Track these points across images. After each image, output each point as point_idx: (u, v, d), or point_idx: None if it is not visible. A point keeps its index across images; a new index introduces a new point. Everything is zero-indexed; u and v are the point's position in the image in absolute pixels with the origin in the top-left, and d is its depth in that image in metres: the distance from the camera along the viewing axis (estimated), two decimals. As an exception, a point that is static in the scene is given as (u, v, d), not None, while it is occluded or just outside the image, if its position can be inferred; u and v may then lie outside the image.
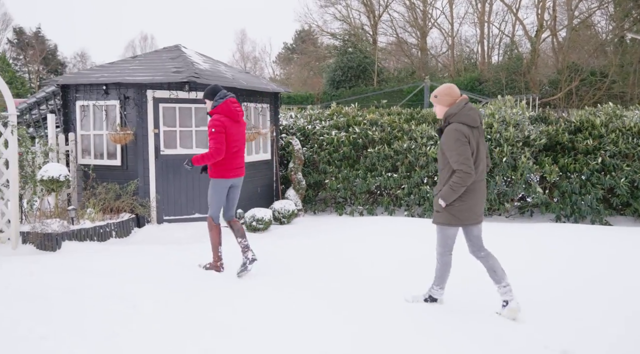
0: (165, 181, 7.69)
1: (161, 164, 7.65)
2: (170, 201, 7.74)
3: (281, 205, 8.43)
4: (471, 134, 3.98)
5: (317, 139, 9.44)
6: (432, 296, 4.39)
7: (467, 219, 4.05)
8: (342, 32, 35.57)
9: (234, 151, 5.33)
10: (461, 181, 3.89)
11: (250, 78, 8.89)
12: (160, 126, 7.60)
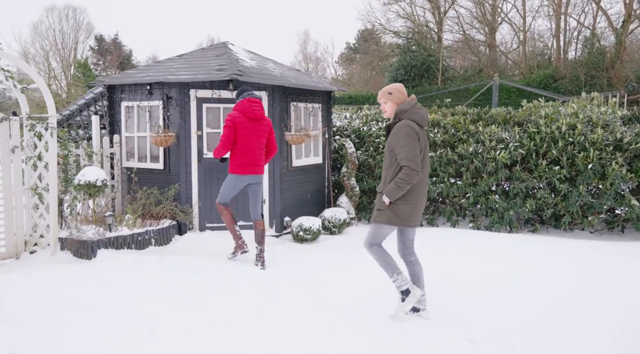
0: (208, 186, 7.23)
1: (204, 168, 7.20)
2: (213, 207, 7.27)
3: (332, 213, 7.76)
4: (420, 132, 3.98)
5: (373, 142, 8.68)
6: (401, 290, 4.09)
7: (409, 220, 4.01)
8: (406, 30, 34.42)
9: (247, 147, 5.55)
10: (407, 178, 3.84)
11: (301, 76, 8.29)
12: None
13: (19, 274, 5.02)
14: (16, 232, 6.36)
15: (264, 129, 5.63)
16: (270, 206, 7.50)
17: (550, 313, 4.33)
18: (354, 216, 8.32)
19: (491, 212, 7.55)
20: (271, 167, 7.45)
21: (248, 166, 5.59)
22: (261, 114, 5.62)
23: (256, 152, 5.60)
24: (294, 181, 7.86)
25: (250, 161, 5.58)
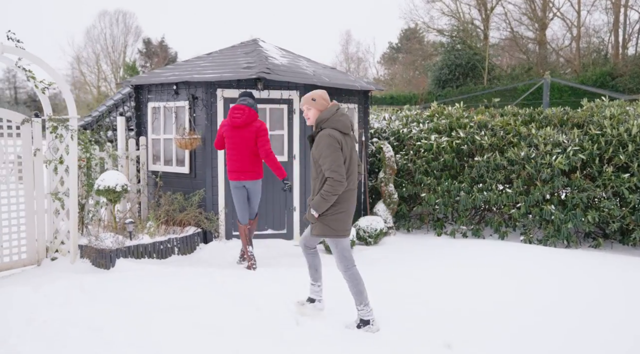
0: None
1: None
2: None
3: (367, 222, 7.17)
4: (344, 140, 3.85)
5: (414, 145, 8.04)
6: (362, 319, 4.04)
7: (341, 229, 3.91)
8: (450, 28, 33.28)
9: (230, 154, 5.73)
10: (332, 189, 3.74)
11: (336, 74, 7.75)
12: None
13: (28, 287, 4.71)
14: (37, 238, 6.14)
15: (249, 136, 5.62)
16: (301, 214, 7.00)
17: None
18: (391, 225, 7.71)
19: (546, 225, 6.76)
20: (302, 172, 6.95)
21: (233, 172, 5.73)
22: (243, 121, 5.58)
23: (240, 159, 5.67)
24: (327, 186, 7.32)
25: (234, 168, 5.71)
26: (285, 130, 6.88)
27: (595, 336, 3.92)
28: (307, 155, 6.92)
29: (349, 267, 3.99)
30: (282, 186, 5.79)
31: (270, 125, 6.86)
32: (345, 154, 3.84)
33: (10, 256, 5.92)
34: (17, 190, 5.92)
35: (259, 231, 6.93)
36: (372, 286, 5.08)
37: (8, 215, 5.86)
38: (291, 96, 6.79)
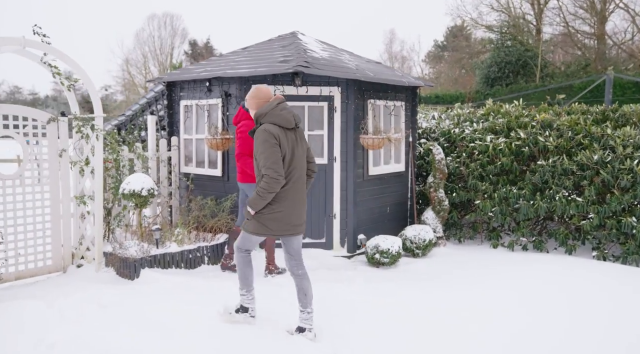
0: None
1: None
2: None
3: (415, 232, 6.49)
4: (284, 135, 3.71)
5: (466, 146, 7.29)
6: (242, 305, 4.04)
7: (278, 229, 3.79)
8: (500, 24, 31.79)
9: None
10: (268, 187, 3.63)
11: (381, 69, 7.10)
12: None
13: (42, 301, 4.32)
14: (63, 243, 5.81)
15: (236, 136, 5.41)
16: (341, 222, 6.40)
17: None
18: (441, 234, 6.99)
19: (625, 239, 5.88)
20: (343, 176, 6.35)
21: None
22: (235, 121, 5.42)
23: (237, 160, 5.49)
24: (371, 192, 6.70)
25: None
26: (325, 130, 6.29)
27: None
28: (348, 157, 6.32)
29: (241, 250, 3.96)
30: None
31: (309, 124, 6.29)
32: (285, 149, 3.68)
33: (35, 263, 5.62)
34: (42, 193, 5.61)
35: (296, 239, 6.37)
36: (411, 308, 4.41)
37: (33, 219, 5.55)
38: (332, 92, 6.20)
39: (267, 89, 3.94)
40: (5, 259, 5.30)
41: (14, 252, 5.43)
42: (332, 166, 6.35)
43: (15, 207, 5.42)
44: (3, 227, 5.34)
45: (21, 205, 5.49)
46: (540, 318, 4.21)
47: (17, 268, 5.47)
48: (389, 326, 4.07)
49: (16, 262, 5.45)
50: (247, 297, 4.04)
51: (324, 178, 6.33)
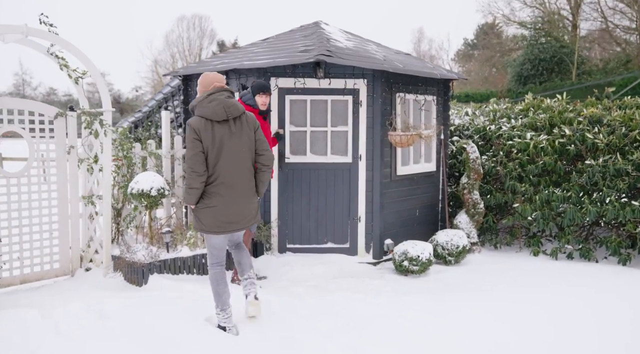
0: (290, 198, 5.83)
1: (285, 176, 5.81)
2: (295, 224, 5.86)
3: (447, 237, 5.95)
4: (210, 129, 3.53)
5: (504, 144, 6.69)
6: (219, 324, 3.81)
7: (211, 225, 3.65)
8: (533, 20, 30.67)
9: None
10: (188, 182, 3.59)
11: (411, 61, 6.58)
12: (286, 124, 5.76)
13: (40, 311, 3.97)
14: (72, 245, 5.50)
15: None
16: (367, 226, 5.91)
17: None
18: (476, 240, 6.42)
19: (688, 249, 5.23)
20: (369, 176, 5.86)
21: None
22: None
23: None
24: (399, 193, 6.19)
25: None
26: (350, 125, 5.81)
27: None
28: (375, 155, 5.83)
29: (212, 265, 3.83)
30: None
31: (332, 120, 5.82)
32: (207, 144, 3.53)
33: (41, 265, 5.31)
34: (49, 192, 5.30)
35: (317, 244, 5.91)
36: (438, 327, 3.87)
37: (39, 219, 5.25)
38: (357, 85, 5.72)
39: (212, 76, 3.70)
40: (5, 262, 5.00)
41: (19, 254, 5.14)
42: (356, 165, 5.86)
43: (21, 207, 5.12)
44: (7, 228, 5.06)
45: (27, 205, 5.20)
46: (592, 345, 3.64)
47: (22, 271, 5.17)
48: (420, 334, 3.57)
49: (21, 265, 5.16)
50: (222, 316, 3.78)
51: (348, 178, 5.86)
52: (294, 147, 5.81)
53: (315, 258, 5.75)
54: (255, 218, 3.81)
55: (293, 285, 5.08)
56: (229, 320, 3.77)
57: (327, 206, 5.87)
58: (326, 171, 5.84)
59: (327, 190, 5.84)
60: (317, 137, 5.84)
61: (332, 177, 5.83)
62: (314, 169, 5.82)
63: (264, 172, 3.73)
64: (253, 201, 3.75)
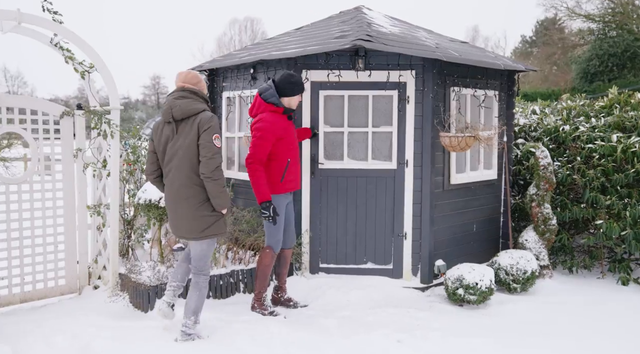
0: (324, 210, 5.00)
1: (319, 184, 4.98)
2: (329, 240, 5.02)
3: (512, 260, 4.94)
4: (160, 129, 3.51)
5: (582, 148, 5.59)
6: (185, 331, 3.58)
7: (170, 226, 3.64)
8: (602, 12, 28.37)
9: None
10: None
11: (469, 49, 5.60)
12: (320, 124, 4.94)
13: (11, 348, 3.35)
14: (79, 260, 4.93)
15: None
16: (414, 244, 5.00)
17: None
18: (546, 262, 5.35)
19: None
20: (417, 186, 4.95)
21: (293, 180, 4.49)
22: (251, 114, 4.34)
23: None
24: (453, 205, 5.24)
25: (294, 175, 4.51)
26: (395, 125, 4.93)
27: None
28: (424, 161, 4.92)
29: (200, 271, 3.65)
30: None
31: (374, 119, 4.95)
32: (156, 143, 3.53)
33: (45, 282, 4.76)
34: (54, 200, 4.74)
35: (355, 263, 5.05)
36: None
37: (43, 230, 4.70)
38: (403, 77, 4.83)
39: (181, 75, 3.53)
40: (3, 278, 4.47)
41: (20, 269, 4.60)
42: (402, 173, 4.96)
43: (22, 216, 4.58)
44: (6, 240, 4.53)
45: (29, 214, 4.65)
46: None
47: (22, 289, 4.63)
48: None
49: (22, 282, 4.62)
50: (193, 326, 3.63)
51: (392, 187, 4.97)
52: (329, 151, 4.98)
53: (352, 281, 4.90)
54: (203, 233, 3.44)
55: (323, 315, 4.25)
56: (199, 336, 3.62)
57: (367, 220, 5.01)
58: (366, 178, 4.98)
59: (367, 201, 4.98)
60: (356, 139, 4.99)
61: (373, 186, 4.97)
62: (352, 176, 4.97)
63: (206, 183, 3.35)
64: (197, 213, 3.40)
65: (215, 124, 3.36)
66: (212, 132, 3.32)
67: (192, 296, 3.58)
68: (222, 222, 3.51)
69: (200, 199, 3.39)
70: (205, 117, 3.36)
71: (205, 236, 3.45)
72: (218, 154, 3.32)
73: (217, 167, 3.30)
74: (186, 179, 3.38)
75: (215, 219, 3.45)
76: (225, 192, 3.43)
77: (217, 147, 3.33)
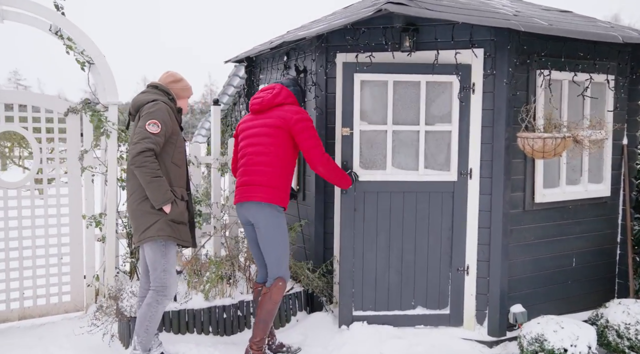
0: (359, 237, 3.85)
1: (353, 202, 3.82)
2: (368, 276, 3.85)
3: (628, 317, 3.44)
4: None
5: None
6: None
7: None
8: None
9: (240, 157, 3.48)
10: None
11: (568, 18, 4.11)
12: (355, 120, 3.81)
13: None
14: (86, 274, 4.39)
15: (258, 125, 3.41)
16: (479, 280, 3.71)
17: None
18: (684, 320, 3.71)
19: None
20: (484, 203, 3.66)
21: (237, 187, 3.44)
22: (266, 101, 3.43)
23: (248, 163, 3.37)
24: (539, 231, 3.84)
25: (238, 180, 3.45)
26: (455, 123, 3.69)
27: None
28: (496, 170, 3.62)
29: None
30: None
31: (428, 114, 3.75)
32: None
33: (47, 298, 4.28)
34: (58, 207, 4.25)
35: (400, 309, 3.86)
36: None
37: (45, 241, 4.23)
38: (463, 58, 3.58)
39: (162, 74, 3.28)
40: None
41: (19, 283, 4.16)
42: (464, 186, 3.71)
43: (21, 225, 4.14)
44: (4, 250, 4.11)
45: (29, 222, 4.21)
46: None
47: (22, 304, 4.19)
48: None
49: (21, 297, 4.17)
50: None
51: (449, 206, 3.73)
52: (366, 157, 3.86)
53: (396, 331, 3.74)
54: (142, 234, 2.94)
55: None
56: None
57: (416, 250, 3.80)
58: (416, 194, 3.78)
59: (417, 225, 3.78)
60: (403, 141, 3.82)
61: (425, 205, 3.76)
62: (398, 191, 3.80)
63: (135, 173, 2.91)
64: (137, 210, 2.96)
65: (156, 111, 2.94)
66: (147, 117, 2.93)
67: (139, 313, 3.08)
68: (164, 224, 2.92)
69: (143, 194, 2.97)
70: (148, 105, 3.01)
71: (145, 238, 2.96)
72: (147, 139, 2.87)
73: (139, 152, 2.85)
74: (129, 173, 3.04)
75: (156, 218, 2.93)
76: (158, 184, 2.87)
77: (148, 132, 2.90)
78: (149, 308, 3.03)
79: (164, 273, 3.01)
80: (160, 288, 3.03)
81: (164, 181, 2.87)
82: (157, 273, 3.01)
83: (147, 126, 2.89)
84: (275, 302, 3.32)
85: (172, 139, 3.00)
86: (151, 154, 2.84)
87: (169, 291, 3.05)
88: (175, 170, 3.01)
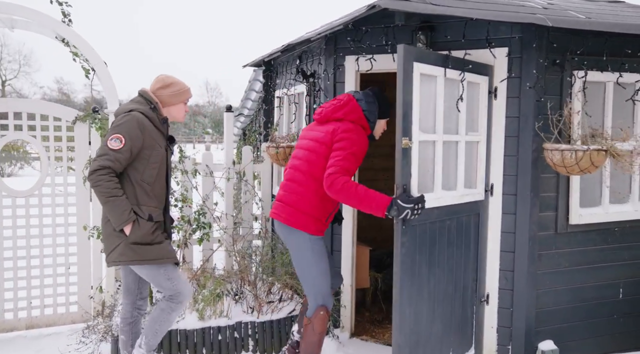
0: (415, 282, 3.20)
1: (415, 239, 2.88)
2: (421, 334, 2.99)
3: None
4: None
5: None
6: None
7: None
8: None
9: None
10: None
11: (617, 10, 3.55)
12: (414, 127, 2.70)
13: None
14: (94, 284, 4.32)
15: (312, 138, 3.02)
16: (500, 312, 3.26)
17: None
18: None
19: None
20: (508, 223, 3.21)
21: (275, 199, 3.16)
22: (325, 114, 3.03)
23: (287, 178, 3.06)
24: (576, 256, 3.33)
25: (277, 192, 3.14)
26: (483, 132, 3.24)
27: None
28: (522, 186, 3.15)
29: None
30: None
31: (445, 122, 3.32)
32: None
33: (54, 308, 4.24)
34: (65, 216, 4.20)
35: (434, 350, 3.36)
36: None
37: (53, 250, 4.19)
38: (486, 58, 3.14)
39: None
40: (5, 300, 4.03)
41: (27, 292, 4.14)
42: (485, 204, 3.27)
43: (29, 233, 4.12)
44: (12, 258, 4.10)
45: (37, 231, 4.19)
46: None
47: (29, 313, 4.16)
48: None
49: (28, 306, 4.15)
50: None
51: (470, 226, 3.27)
52: (422, 178, 2.94)
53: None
54: (108, 257, 2.76)
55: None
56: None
57: (437, 277, 3.19)
58: (450, 220, 3.12)
59: (457, 254, 3.20)
60: (446, 154, 3.11)
61: (454, 231, 3.17)
62: (442, 218, 3.03)
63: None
64: (104, 228, 2.80)
65: (123, 124, 2.69)
66: (112, 131, 2.71)
67: (150, 316, 2.90)
68: (126, 248, 2.68)
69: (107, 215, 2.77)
70: (119, 117, 2.78)
71: (110, 262, 2.77)
72: (104, 156, 2.64)
73: (93, 170, 2.63)
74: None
75: (118, 242, 2.71)
76: (114, 204, 2.63)
77: (108, 148, 2.66)
78: (162, 313, 2.83)
79: (170, 281, 2.78)
80: (174, 295, 2.80)
81: (122, 201, 2.63)
82: (162, 284, 2.78)
83: (109, 141, 2.65)
84: (318, 333, 3.04)
85: (143, 154, 2.70)
86: (106, 172, 2.59)
87: (183, 297, 2.81)
88: (144, 188, 2.75)
